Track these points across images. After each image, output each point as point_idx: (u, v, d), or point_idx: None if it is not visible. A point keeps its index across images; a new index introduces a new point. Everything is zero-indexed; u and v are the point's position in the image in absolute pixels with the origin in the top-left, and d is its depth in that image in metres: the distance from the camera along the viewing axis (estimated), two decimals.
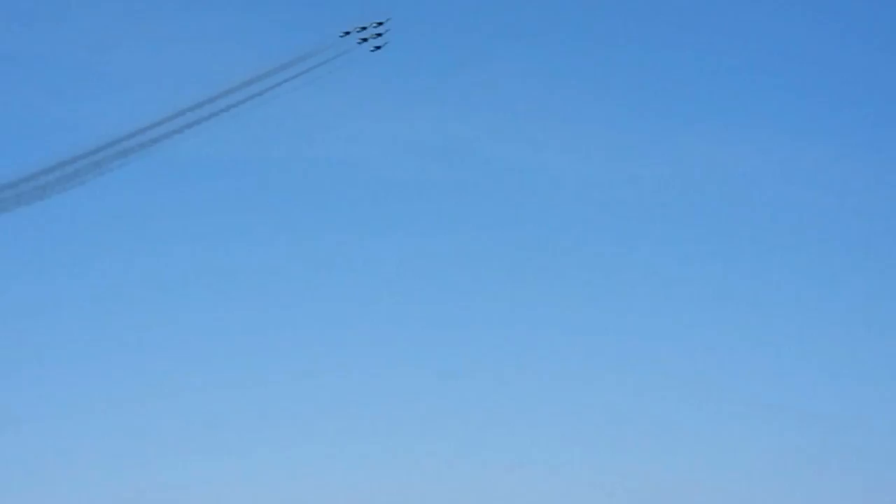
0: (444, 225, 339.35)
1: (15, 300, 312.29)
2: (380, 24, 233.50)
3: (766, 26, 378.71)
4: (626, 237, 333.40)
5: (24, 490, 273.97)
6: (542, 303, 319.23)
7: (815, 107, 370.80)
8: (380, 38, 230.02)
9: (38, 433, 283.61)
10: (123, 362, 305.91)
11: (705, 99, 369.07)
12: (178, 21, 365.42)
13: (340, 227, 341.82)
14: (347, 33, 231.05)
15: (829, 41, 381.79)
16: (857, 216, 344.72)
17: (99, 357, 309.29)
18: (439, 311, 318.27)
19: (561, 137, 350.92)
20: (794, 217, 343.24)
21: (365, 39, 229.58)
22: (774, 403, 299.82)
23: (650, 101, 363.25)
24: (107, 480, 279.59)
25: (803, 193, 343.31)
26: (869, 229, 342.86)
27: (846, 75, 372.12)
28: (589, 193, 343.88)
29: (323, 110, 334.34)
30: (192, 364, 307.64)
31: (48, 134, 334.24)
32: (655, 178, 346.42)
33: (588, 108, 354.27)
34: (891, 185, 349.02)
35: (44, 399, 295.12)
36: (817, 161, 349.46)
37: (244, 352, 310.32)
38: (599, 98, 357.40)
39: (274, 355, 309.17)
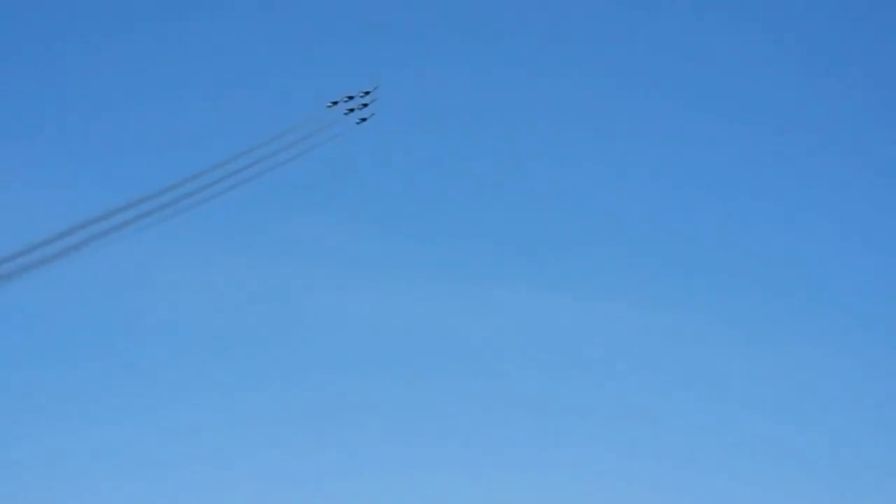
0: (259, 377, 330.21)
1: None
2: (367, 93, 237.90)
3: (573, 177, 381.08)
4: (440, 387, 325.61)
5: None
6: (356, 452, 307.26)
7: (621, 261, 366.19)
8: (366, 108, 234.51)
9: None
10: None
11: (518, 250, 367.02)
12: None
13: (158, 389, 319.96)
14: (335, 103, 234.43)
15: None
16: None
17: None
18: (268, 460, 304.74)
19: (378, 286, 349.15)
20: (599, 369, 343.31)
21: (352, 110, 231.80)
22: None
23: (465, 251, 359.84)
24: None
25: (605, 348, 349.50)
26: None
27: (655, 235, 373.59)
28: (406, 344, 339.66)
29: (137, 262, 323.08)
30: None
31: None
32: (466, 327, 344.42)
33: (404, 258, 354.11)
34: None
35: None
36: (620, 313, 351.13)
37: None
38: (417, 248, 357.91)
39: None
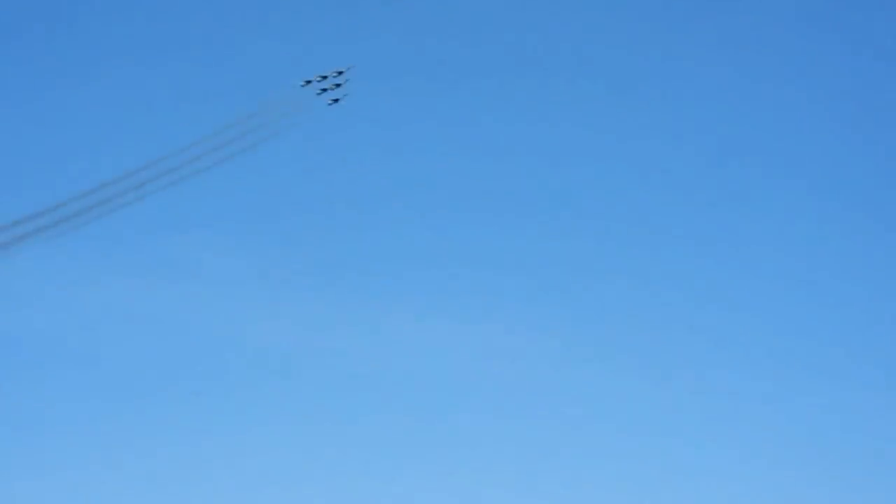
0: (140, 397, 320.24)
1: None
2: (340, 73, 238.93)
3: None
4: (327, 406, 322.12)
5: None
6: (244, 472, 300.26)
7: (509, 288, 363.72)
8: (339, 88, 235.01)
9: None
10: None
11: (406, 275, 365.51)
12: None
13: (37, 407, 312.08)
14: (309, 82, 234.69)
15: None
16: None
17: None
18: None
19: (266, 307, 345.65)
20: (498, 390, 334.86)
21: (325, 90, 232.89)
22: None
23: (348, 274, 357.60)
24: None
25: (497, 367, 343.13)
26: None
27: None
28: (290, 364, 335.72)
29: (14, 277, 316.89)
30: None
31: None
32: (355, 350, 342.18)
33: (286, 277, 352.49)
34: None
35: None
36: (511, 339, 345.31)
37: None
38: (300, 267, 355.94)
39: None
